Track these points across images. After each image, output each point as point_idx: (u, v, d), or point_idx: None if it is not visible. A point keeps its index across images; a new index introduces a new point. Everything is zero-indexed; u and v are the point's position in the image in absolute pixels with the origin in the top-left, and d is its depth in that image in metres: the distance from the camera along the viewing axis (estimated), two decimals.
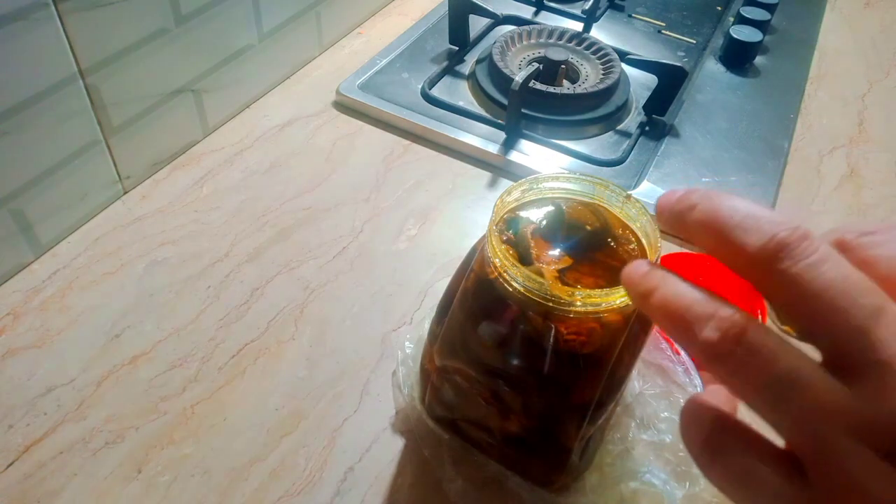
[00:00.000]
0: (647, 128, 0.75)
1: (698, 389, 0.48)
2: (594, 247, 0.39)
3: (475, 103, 0.77)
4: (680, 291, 0.23)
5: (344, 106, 0.75)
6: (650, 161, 0.71)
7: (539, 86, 0.74)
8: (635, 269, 0.26)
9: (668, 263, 0.59)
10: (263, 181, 0.66)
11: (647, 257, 0.38)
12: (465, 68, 0.81)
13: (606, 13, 0.94)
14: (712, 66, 0.86)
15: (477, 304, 0.40)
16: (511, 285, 0.36)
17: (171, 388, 0.49)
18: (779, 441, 0.22)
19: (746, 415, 0.23)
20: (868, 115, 0.81)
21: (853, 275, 0.21)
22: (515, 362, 0.39)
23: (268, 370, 0.51)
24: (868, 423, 0.19)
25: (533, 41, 0.82)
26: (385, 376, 0.51)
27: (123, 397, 0.49)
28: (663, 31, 0.91)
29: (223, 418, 0.48)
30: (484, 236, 0.38)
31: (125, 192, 0.63)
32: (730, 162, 0.71)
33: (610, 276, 0.37)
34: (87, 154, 0.58)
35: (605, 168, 0.70)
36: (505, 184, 0.69)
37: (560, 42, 0.82)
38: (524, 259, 0.37)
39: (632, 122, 0.76)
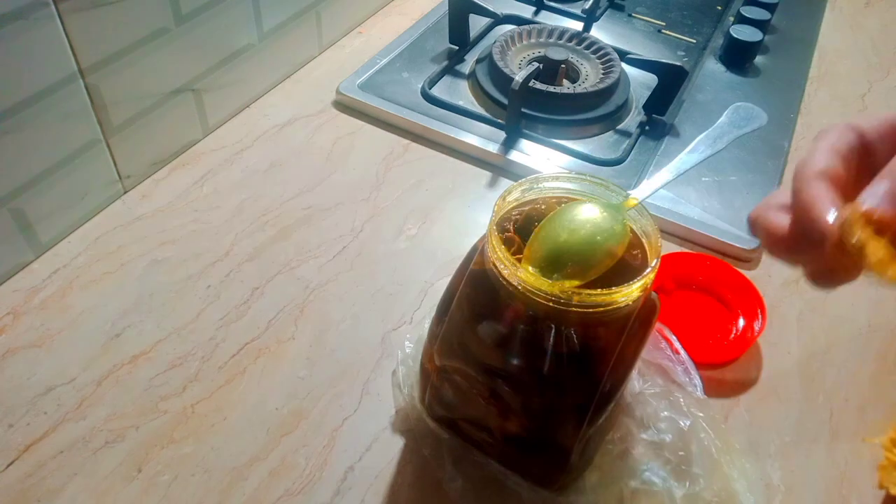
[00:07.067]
0: (647, 127, 0.75)
1: (698, 389, 0.49)
2: None
3: (475, 103, 0.77)
4: None
5: (344, 105, 0.75)
6: (650, 161, 0.71)
7: (539, 85, 0.74)
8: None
9: (669, 263, 0.59)
10: (263, 181, 0.66)
11: (647, 257, 0.38)
12: (465, 68, 0.81)
13: (606, 13, 0.94)
14: (712, 66, 0.86)
15: (477, 303, 0.40)
16: (511, 285, 0.36)
17: (171, 388, 0.49)
18: None
19: None
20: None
21: None
22: (515, 362, 0.39)
23: (268, 370, 0.51)
24: None
25: (533, 41, 0.82)
26: (385, 376, 0.51)
27: (123, 397, 0.49)
28: (663, 31, 0.91)
29: (223, 418, 0.48)
30: (484, 236, 0.38)
31: (125, 192, 0.63)
32: (730, 162, 0.71)
33: (611, 274, 0.37)
34: (88, 153, 0.58)
35: (605, 168, 0.70)
36: (505, 183, 0.69)
37: (560, 41, 0.82)
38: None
39: (632, 121, 0.76)
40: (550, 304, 0.35)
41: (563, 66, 0.77)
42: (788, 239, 0.29)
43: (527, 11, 0.92)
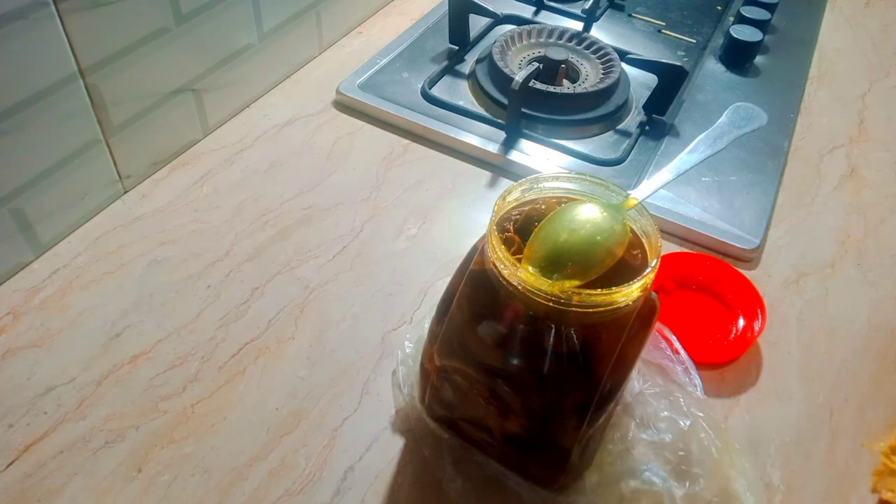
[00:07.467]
0: (647, 127, 0.75)
1: (698, 389, 0.49)
2: None
3: (475, 103, 0.77)
4: None
5: (344, 105, 0.75)
6: (650, 161, 0.71)
7: (539, 85, 0.74)
8: None
9: (669, 263, 0.59)
10: (263, 181, 0.66)
11: (647, 257, 0.38)
12: (465, 68, 0.81)
13: (606, 13, 0.94)
14: (712, 66, 0.86)
15: (477, 303, 0.40)
16: (511, 285, 0.36)
17: (171, 388, 0.49)
18: None
19: None
20: (868, 115, 0.81)
21: None
22: (515, 362, 0.39)
23: (268, 370, 0.51)
24: None
25: (533, 41, 0.82)
26: (385, 376, 0.51)
27: (123, 397, 0.49)
28: (663, 31, 0.91)
29: (223, 418, 0.48)
30: (484, 236, 0.38)
31: (125, 192, 0.63)
32: (729, 162, 0.71)
33: (611, 274, 0.37)
34: (88, 153, 0.58)
35: (605, 168, 0.70)
36: (505, 183, 0.69)
37: (560, 41, 0.82)
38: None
39: (632, 121, 0.76)
40: (550, 304, 0.35)
41: (563, 66, 0.77)
42: None
43: (527, 11, 0.92)
